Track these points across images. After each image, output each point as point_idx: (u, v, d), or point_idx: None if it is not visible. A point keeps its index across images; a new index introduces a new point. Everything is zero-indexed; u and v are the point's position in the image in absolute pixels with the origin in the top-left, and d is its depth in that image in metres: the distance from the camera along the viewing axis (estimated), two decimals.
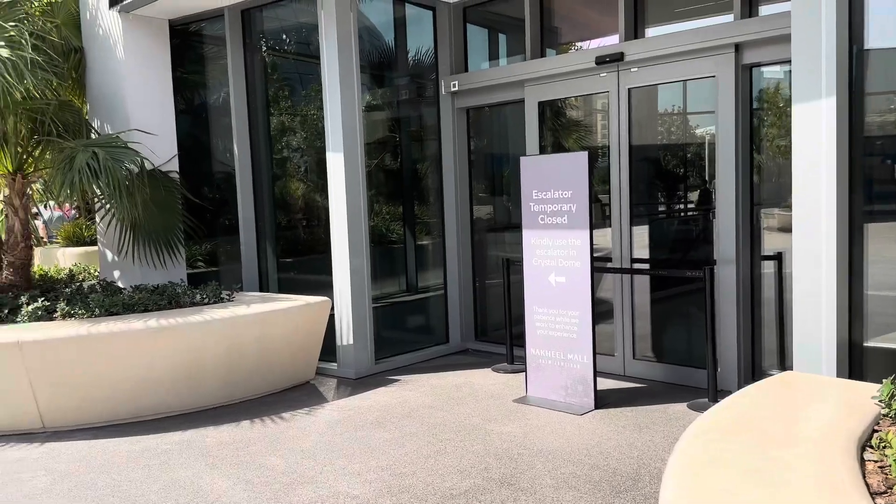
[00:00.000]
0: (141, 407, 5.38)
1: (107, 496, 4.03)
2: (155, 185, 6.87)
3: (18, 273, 6.50)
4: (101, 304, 5.65)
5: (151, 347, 5.33)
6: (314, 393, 6.01)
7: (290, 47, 7.43)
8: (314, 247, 7.31)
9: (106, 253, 7.35)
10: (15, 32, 5.43)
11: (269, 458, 4.51)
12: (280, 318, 5.87)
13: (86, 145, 6.11)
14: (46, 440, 5.01)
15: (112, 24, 6.99)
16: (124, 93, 7.00)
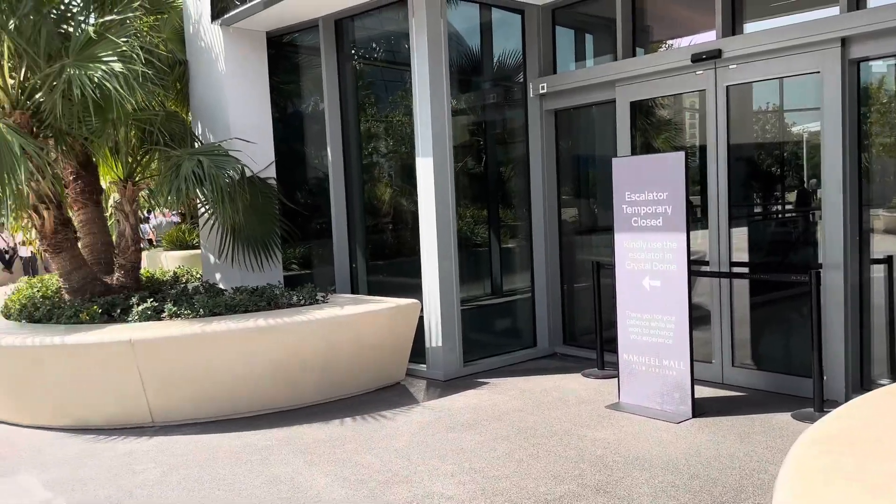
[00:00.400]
0: (242, 404, 5.61)
1: (213, 489, 4.22)
2: (254, 192, 7.15)
3: (129, 275, 6.90)
4: (205, 305, 5.92)
5: (253, 347, 5.55)
6: (405, 394, 6.10)
7: (380, 55, 7.59)
8: (401, 250, 7.43)
9: (208, 256, 7.70)
10: (127, 47, 5.78)
11: (364, 457, 4.61)
12: (373, 319, 6.00)
13: (191, 154, 6.43)
14: (156, 434, 5.30)
15: (214, 38, 7.33)
16: (225, 103, 7.33)
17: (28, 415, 5.69)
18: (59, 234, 6.44)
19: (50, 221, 6.36)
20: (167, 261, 11.62)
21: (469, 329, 6.75)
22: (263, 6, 6.72)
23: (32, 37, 5.94)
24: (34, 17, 5.97)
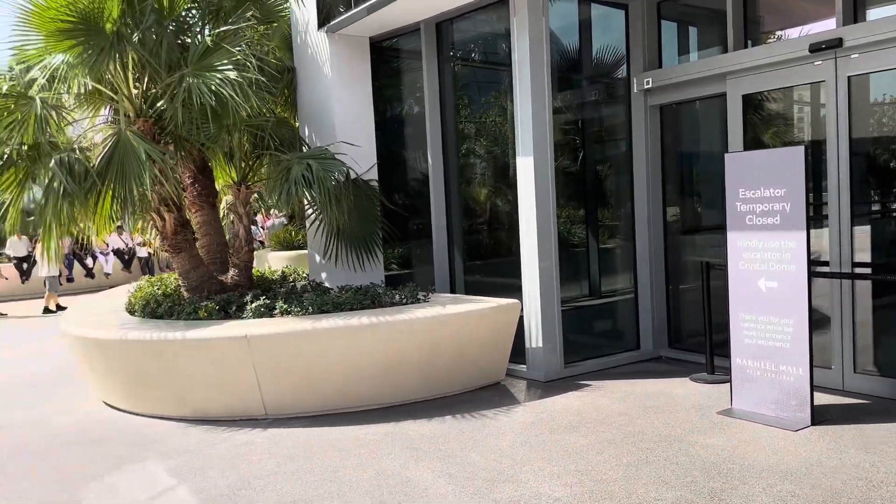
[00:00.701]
0: (349, 398, 5.76)
1: (325, 481, 4.36)
2: (357, 193, 7.34)
3: (242, 274, 7.22)
4: (313, 303, 6.12)
5: (359, 344, 5.70)
6: (506, 394, 6.09)
7: (479, 56, 7.63)
8: (498, 250, 7.44)
9: (314, 256, 7.96)
10: (241, 56, 6.06)
11: (469, 455, 4.64)
12: (475, 318, 6.03)
13: (300, 157, 6.66)
14: (269, 426, 5.52)
15: (320, 45, 7.58)
16: (331, 107, 7.55)
17: (151, 405, 6.05)
18: (179, 235, 6.82)
19: (171, 223, 6.75)
20: (273, 261, 12.10)
21: (568, 330, 6.67)
22: (367, 12, 6.89)
23: (154, 48, 6.31)
24: (156, 30, 6.35)
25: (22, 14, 5.79)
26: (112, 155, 6.03)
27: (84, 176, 6.05)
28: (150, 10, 6.16)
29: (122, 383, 6.17)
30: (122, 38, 6.01)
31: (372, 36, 7.77)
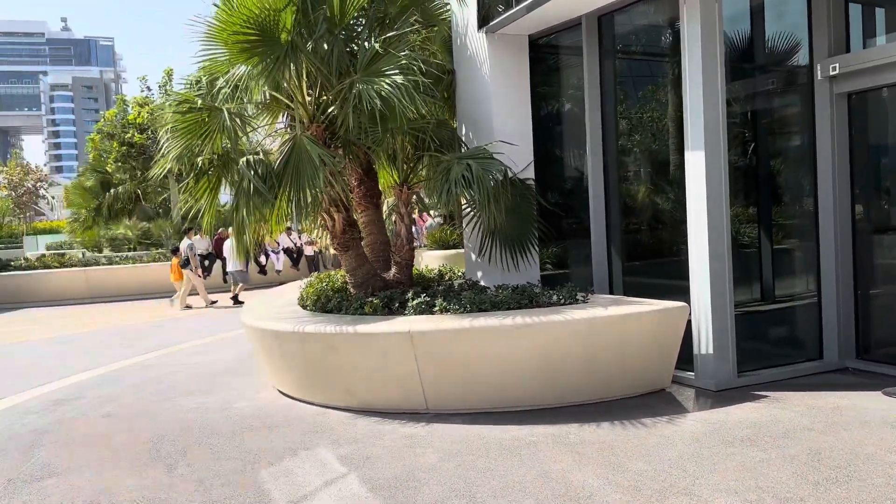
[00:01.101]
0: (508, 397, 5.75)
1: (488, 479, 4.36)
2: (514, 192, 7.31)
3: (403, 272, 7.44)
4: (472, 301, 6.17)
5: (517, 343, 5.67)
6: (672, 401, 5.82)
7: (642, 48, 7.35)
8: (659, 250, 7.12)
9: (470, 255, 8.05)
10: (407, 61, 6.23)
11: (636, 463, 4.46)
12: (638, 321, 5.81)
13: (459, 158, 6.75)
14: (430, 420, 5.63)
15: (479, 46, 7.64)
16: (489, 107, 7.60)
17: (321, 395, 6.37)
18: (347, 234, 7.13)
19: (339, 223, 7.08)
20: (427, 259, 12.39)
21: (740, 337, 6.25)
22: (526, 10, 6.85)
23: (326, 57, 6.64)
24: (327, 39, 6.67)
25: (209, 30, 6.29)
26: (288, 159, 6.42)
27: (265, 177, 6.47)
28: (321, 19, 6.48)
29: (296, 373, 6.54)
30: (297, 47, 6.38)
31: (530, 34, 7.72)
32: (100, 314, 15.27)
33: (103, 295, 17.93)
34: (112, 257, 20.33)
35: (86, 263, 19.32)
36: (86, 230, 26.01)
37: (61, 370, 8.77)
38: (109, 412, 6.52)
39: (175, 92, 7.04)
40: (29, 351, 10.72)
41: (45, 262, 19.52)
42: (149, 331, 12.35)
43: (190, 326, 12.55)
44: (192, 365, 8.70)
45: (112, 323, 13.74)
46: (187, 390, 7.30)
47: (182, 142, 6.42)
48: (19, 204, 54.39)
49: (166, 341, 10.82)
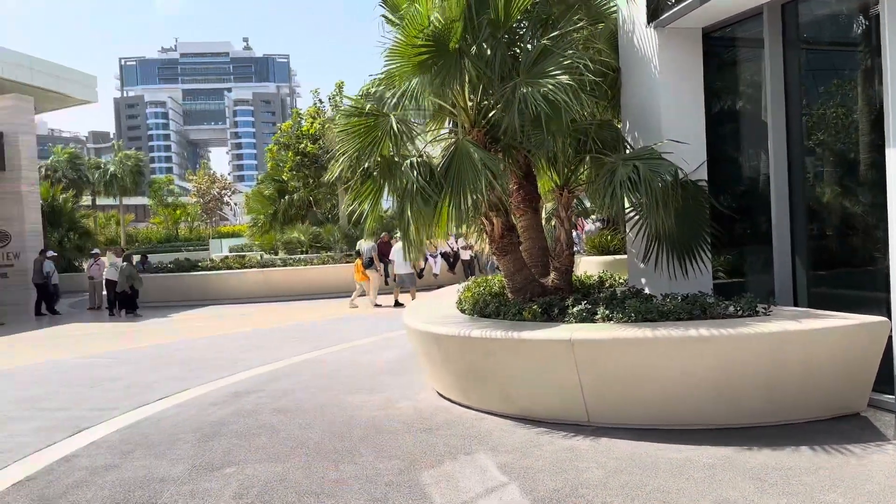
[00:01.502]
0: (678, 415, 5.39)
1: (657, 501, 4.08)
2: (684, 195, 6.87)
3: (562, 277, 7.25)
4: (637, 310, 5.86)
5: (689, 356, 5.30)
6: (868, 427, 5.18)
7: (832, 38, 6.66)
8: (850, 258, 6.39)
9: (634, 261, 7.68)
10: (572, 60, 6.06)
11: (828, 495, 3.99)
12: (831, 337, 5.23)
13: (625, 159, 6.46)
14: (593, 434, 5.40)
15: (647, 41, 7.29)
16: (658, 105, 7.22)
17: (480, 399, 6.34)
18: (506, 238, 7.06)
19: (498, 227, 7.02)
20: (586, 266, 12.06)
21: None
22: (700, 2, 6.42)
23: (489, 61, 6.61)
24: (489, 43, 6.65)
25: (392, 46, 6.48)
26: (450, 163, 6.46)
27: (428, 181, 6.55)
28: (485, 24, 6.46)
29: (455, 376, 6.56)
30: (463, 54, 6.40)
31: (704, 26, 7.24)
32: (275, 312, 16.36)
33: (278, 294, 19.22)
34: (286, 259, 21.76)
35: (263, 265, 20.83)
36: (263, 234, 28.14)
37: (240, 364, 9.43)
38: (281, 407, 6.89)
39: (348, 96, 7.32)
40: (212, 345, 11.67)
41: (227, 263, 21.28)
42: (318, 329, 13.02)
43: (355, 326, 13.09)
44: (358, 363, 9.03)
45: (286, 321, 14.65)
46: (353, 388, 7.56)
47: (351, 145, 6.65)
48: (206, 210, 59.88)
49: (335, 339, 11.34)
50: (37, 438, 6.18)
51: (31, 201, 19.34)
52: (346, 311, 15.78)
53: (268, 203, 29.41)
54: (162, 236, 54.60)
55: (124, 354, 11.07)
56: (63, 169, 42.01)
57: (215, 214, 61.84)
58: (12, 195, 18.93)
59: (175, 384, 8.29)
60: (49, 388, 8.38)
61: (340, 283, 19.41)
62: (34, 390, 8.31)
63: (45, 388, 8.39)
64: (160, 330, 14.47)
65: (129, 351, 11.47)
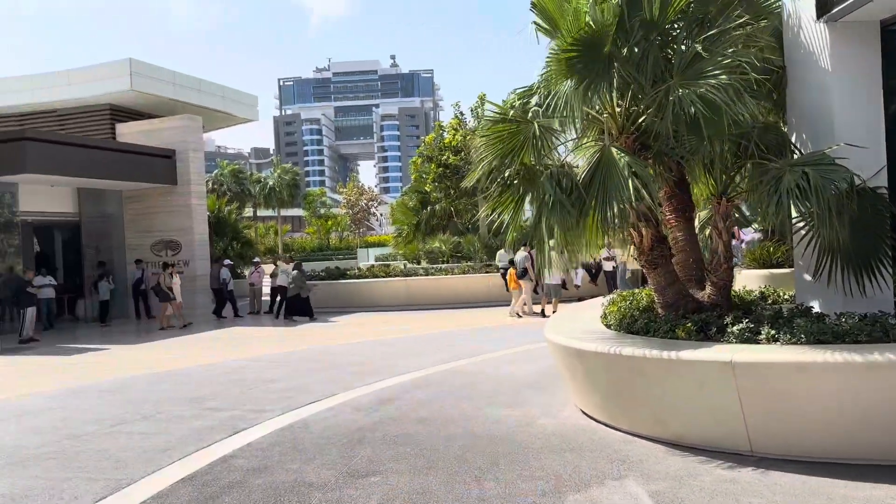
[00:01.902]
0: (856, 448, 4.82)
1: None
2: (860, 204, 6.19)
3: (720, 293, 6.75)
4: (807, 331, 5.32)
5: (877, 385, 4.72)
6: None
7: None
8: None
9: (803, 276, 7.03)
10: (732, 58, 5.65)
11: None
12: None
13: (792, 165, 5.92)
14: (756, 465, 4.94)
15: (816, 37, 6.66)
16: (830, 106, 6.57)
17: (627, 421, 6.02)
18: (655, 250, 6.69)
19: (647, 238, 6.67)
20: (745, 280, 11.26)
21: None
22: None
23: (641, 64, 6.31)
24: (641, 45, 6.34)
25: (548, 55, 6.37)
26: (595, 171, 6.22)
27: (570, 190, 6.34)
28: (637, 25, 6.18)
29: (600, 395, 6.29)
30: (613, 57, 6.16)
31: (883, 18, 6.51)
32: (417, 320, 16.66)
33: (420, 303, 19.59)
34: (428, 268, 22.18)
35: (406, 274, 21.34)
36: (407, 244, 28.91)
37: (384, 371, 9.63)
38: (424, 416, 6.92)
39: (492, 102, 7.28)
40: (359, 351, 12.03)
41: (373, 272, 22.02)
42: (459, 338, 13.08)
43: (495, 336, 13.02)
44: (499, 375, 8.94)
45: (427, 329, 14.87)
46: (494, 401, 7.46)
47: (491, 152, 6.59)
48: (355, 220, 62.53)
49: (476, 349, 11.33)
50: (200, 437, 6.58)
51: (199, 213, 20.94)
52: (485, 320, 15.77)
53: (411, 214, 30.20)
54: (315, 245, 57.60)
55: (280, 357, 11.67)
56: (228, 183, 45.44)
57: (363, 225, 64.44)
58: (183, 207, 20.60)
59: (325, 388, 8.59)
60: (214, 389, 8.96)
61: (480, 293, 19.48)
62: (201, 390, 8.92)
63: (210, 389, 8.98)
64: (312, 335, 15.15)
65: (284, 354, 12.08)
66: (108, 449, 6.26)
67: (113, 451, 6.20)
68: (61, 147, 17.71)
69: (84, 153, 18.34)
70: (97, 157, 18.72)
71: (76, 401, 8.55)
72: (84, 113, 21.43)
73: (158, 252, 20.78)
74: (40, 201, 19.22)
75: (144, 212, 21.01)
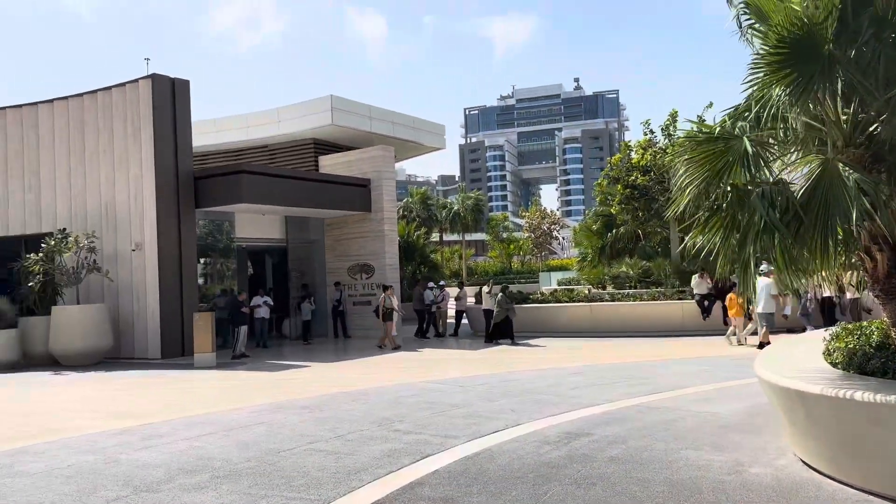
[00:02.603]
0: None
1: None
2: None
3: None
4: None
5: None
6: None
7: None
8: None
9: None
10: None
11: None
12: None
13: None
14: None
15: None
16: None
17: (858, 475, 5.19)
18: (893, 278, 5.77)
19: (883, 265, 5.78)
20: None
21: None
22: None
23: (870, 65, 5.51)
24: (872, 44, 5.54)
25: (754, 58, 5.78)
26: (816, 187, 5.49)
27: (784, 211, 5.65)
28: (866, 23, 5.41)
29: (826, 444, 5.48)
30: (833, 59, 5.43)
31: None
32: (603, 348, 16.02)
33: (605, 329, 18.87)
34: (614, 294, 21.33)
35: (590, 299, 20.67)
36: (591, 268, 28.15)
37: (572, 401, 9.23)
38: (616, 455, 6.45)
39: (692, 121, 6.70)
40: (544, 378, 11.70)
41: (556, 297, 21.58)
42: (651, 369, 12.32)
43: (694, 369, 12.10)
44: (698, 414, 8.20)
45: (615, 358, 14.20)
46: (695, 443, 6.81)
47: (698, 174, 6.03)
48: (537, 244, 62.44)
49: (670, 383, 10.57)
50: (388, 460, 6.63)
51: (390, 238, 21.87)
52: (680, 351, 14.77)
53: (595, 237, 29.40)
54: (497, 269, 58.24)
55: (467, 381, 11.67)
56: (416, 209, 47.37)
57: (545, 248, 64.18)
58: (376, 233, 21.63)
59: (510, 416, 8.38)
60: (402, 411, 9.10)
61: (672, 321, 18.34)
62: (390, 411, 9.09)
63: (399, 410, 9.13)
64: (498, 359, 15.08)
65: (471, 378, 12.08)
66: (305, 466, 6.48)
67: (309, 469, 6.41)
68: (271, 179, 19.34)
69: (291, 184, 19.90)
70: (303, 188, 20.24)
71: (278, 416, 9.06)
72: (291, 147, 23.33)
73: (354, 275, 21.95)
74: (253, 229, 21.09)
75: (342, 237, 22.34)
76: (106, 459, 6.98)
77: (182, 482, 6.09)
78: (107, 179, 18.63)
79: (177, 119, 18.41)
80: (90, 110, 18.97)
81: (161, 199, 17.93)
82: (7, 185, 19.65)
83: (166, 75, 18.43)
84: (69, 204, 19.09)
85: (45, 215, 19.33)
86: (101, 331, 17.24)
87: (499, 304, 18.21)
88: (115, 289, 18.24)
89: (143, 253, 18.00)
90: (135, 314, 18.08)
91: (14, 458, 7.15)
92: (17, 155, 19.62)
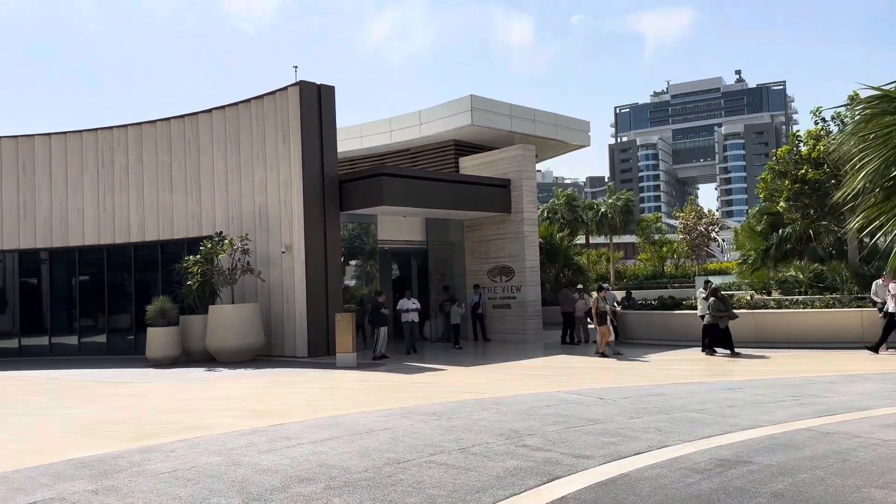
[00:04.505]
0: None
1: None
2: None
3: None
4: None
5: None
6: None
7: None
8: None
9: None
10: None
11: None
12: None
13: None
14: None
15: None
16: None
17: None
18: None
19: None
20: None
21: None
22: None
23: None
24: None
25: None
26: None
27: None
28: None
29: None
30: None
31: None
32: (768, 360, 14.42)
33: (770, 339, 17.02)
34: (781, 300, 19.27)
35: (753, 306, 18.78)
36: (754, 272, 25.73)
37: (726, 422, 8.15)
38: (780, 491, 5.44)
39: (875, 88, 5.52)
40: (694, 393, 10.56)
41: None
42: (827, 387, 10.77)
43: (877, 388, 10.45)
44: (884, 442, 6.89)
45: (780, 372, 12.66)
46: (883, 479, 5.64)
47: (875, 151, 4.94)
48: (692, 246, 58.96)
49: (848, 403, 9.13)
50: (512, 479, 6.03)
51: (531, 240, 21.19)
52: (859, 365, 12.92)
53: (759, 238, 26.92)
54: (648, 273, 55.62)
55: (605, 393, 10.79)
56: (561, 210, 46.20)
57: (702, 251, 60.55)
58: (516, 235, 21.03)
59: (653, 437, 7.49)
60: (532, 423, 8.45)
61: (850, 332, 16.19)
62: (520, 423, 8.48)
63: (528, 423, 8.49)
64: (641, 370, 13.99)
65: (610, 390, 11.17)
66: (423, 481, 6.04)
67: (425, 484, 5.95)
68: (410, 180, 19.35)
69: (429, 185, 19.82)
70: (441, 189, 20.09)
71: (405, 422, 8.73)
72: (433, 150, 23.29)
73: (493, 277, 21.50)
74: (395, 231, 21.23)
75: (481, 239, 21.97)
76: (229, 462, 6.92)
77: (295, 491, 5.84)
78: (259, 184, 19.46)
79: (322, 123, 18.89)
80: (245, 118, 19.92)
81: (308, 202, 18.45)
82: (172, 191, 21.09)
83: (312, 82, 18.96)
84: (226, 208, 20.15)
85: (204, 219, 20.54)
86: (253, 329, 17.99)
87: (709, 308, 16.16)
88: (266, 289, 19.00)
89: (292, 255, 18.61)
90: (284, 314, 18.73)
91: (145, 456, 7.29)
92: (180, 163, 21.02)
